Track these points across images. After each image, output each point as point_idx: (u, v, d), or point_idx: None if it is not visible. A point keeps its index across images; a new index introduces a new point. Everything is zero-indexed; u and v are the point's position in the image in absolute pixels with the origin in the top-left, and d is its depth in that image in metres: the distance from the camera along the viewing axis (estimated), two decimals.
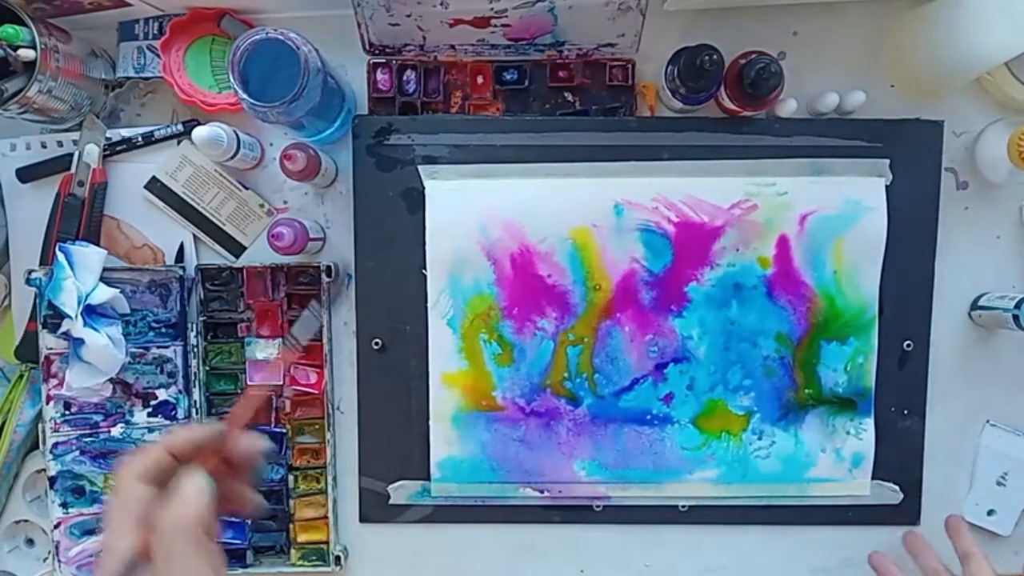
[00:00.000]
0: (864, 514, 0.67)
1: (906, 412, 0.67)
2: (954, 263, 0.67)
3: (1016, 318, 0.61)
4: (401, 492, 0.68)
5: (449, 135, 0.65)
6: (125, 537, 0.35)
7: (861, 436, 0.66)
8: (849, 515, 0.68)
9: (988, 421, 0.68)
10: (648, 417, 0.67)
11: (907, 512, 0.68)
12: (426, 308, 0.66)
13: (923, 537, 0.64)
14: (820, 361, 0.66)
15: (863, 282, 0.65)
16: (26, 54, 0.58)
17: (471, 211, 0.65)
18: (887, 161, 0.64)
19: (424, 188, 0.65)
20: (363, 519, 0.68)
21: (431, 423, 0.67)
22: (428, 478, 0.67)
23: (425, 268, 0.65)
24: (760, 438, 0.67)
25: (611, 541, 0.69)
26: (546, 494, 0.67)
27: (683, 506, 0.68)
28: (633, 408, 0.66)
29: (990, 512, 0.68)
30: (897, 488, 0.67)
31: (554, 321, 0.66)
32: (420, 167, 0.65)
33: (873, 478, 0.67)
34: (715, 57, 0.57)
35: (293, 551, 0.68)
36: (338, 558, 0.68)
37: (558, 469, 0.67)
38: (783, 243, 0.64)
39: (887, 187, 0.64)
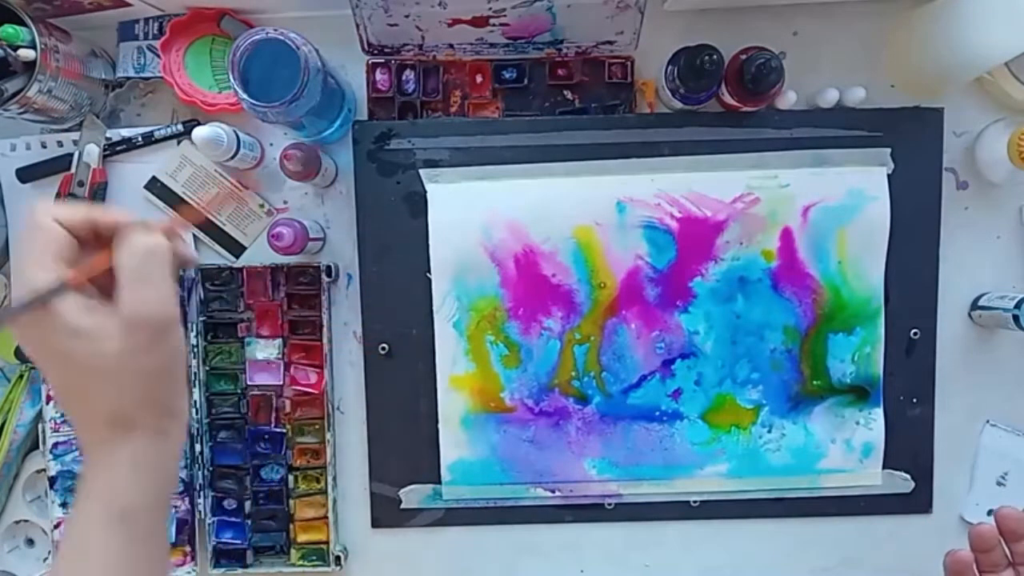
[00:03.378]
0: (876, 504, 0.68)
1: (915, 400, 0.67)
2: (954, 263, 0.67)
3: (1016, 318, 0.61)
4: (412, 496, 0.68)
5: (449, 138, 0.65)
6: (44, 271, 0.33)
7: (871, 426, 0.66)
8: (861, 505, 0.68)
9: (988, 421, 0.68)
10: (657, 413, 0.67)
11: (919, 501, 0.68)
12: (432, 312, 0.66)
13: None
14: (827, 352, 0.66)
15: (868, 272, 0.65)
16: (26, 54, 0.58)
17: (474, 213, 0.65)
18: (888, 150, 0.64)
19: (426, 192, 0.65)
20: (375, 524, 0.68)
21: (440, 426, 0.67)
22: (439, 481, 0.67)
23: (429, 272, 0.65)
24: (770, 431, 0.67)
25: (612, 541, 0.69)
26: (557, 494, 0.67)
27: (695, 501, 0.68)
28: (642, 405, 0.67)
29: (990, 512, 0.68)
30: (908, 477, 0.67)
31: (560, 320, 0.66)
32: (421, 171, 0.65)
33: (884, 467, 0.67)
34: (715, 57, 0.57)
35: (293, 551, 0.68)
36: (338, 558, 0.68)
37: (569, 468, 0.67)
38: (787, 235, 0.64)
39: (889, 176, 0.64)
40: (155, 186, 0.67)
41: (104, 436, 0.36)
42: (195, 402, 0.66)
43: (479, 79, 0.67)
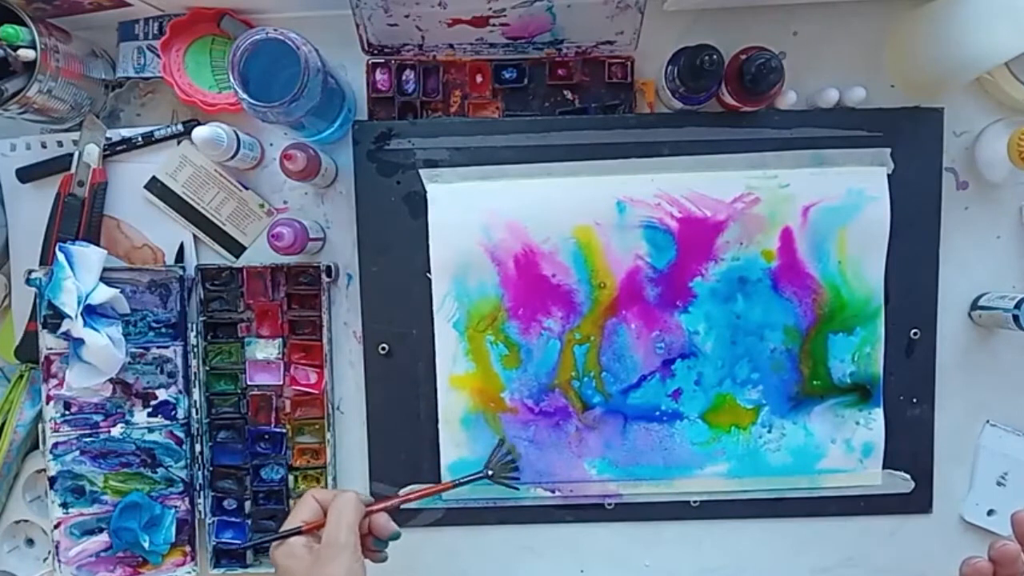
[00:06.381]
0: (876, 504, 0.68)
1: (915, 400, 0.67)
2: (954, 263, 0.67)
3: (1016, 318, 0.61)
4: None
5: (449, 138, 0.65)
6: (293, 522, 0.55)
7: (870, 426, 0.66)
8: (861, 505, 0.68)
9: (988, 421, 0.68)
10: (657, 413, 0.67)
11: (919, 501, 0.68)
12: (432, 312, 0.66)
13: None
14: (828, 352, 0.66)
15: (868, 272, 0.65)
16: (26, 54, 0.58)
17: (473, 213, 0.65)
18: (888, 150, 0.64)
19: (426, 192, 0.65)
20: None
21: (440, 426, 0.67)
22: (439, 481, 0.67)
23: (429, 272, 0.65)
24: (770, 431, 0.67)
25: (612, 540, 0.69)
26: (557, 494, 0.67)
27: (695, 502, 0.68)
28: (641, 405, 0.67)
29: (990, 512, 0.68)
30: (908, 477, 0.67)
31: (560, 320, 0.66)
32: (421, 171, 0.65)
33: (884, 467, 0.67)
34: (715, 57, 0.57)
35: None
36: None
37: (568, 468, 0.67)
38: (787, 235, 0.64)
39: (889, 176, 0.64)
40: (155, 186, 0.67)
41: None
42: (195, 402, 0.67)
43: (479, 79, 0.67)
